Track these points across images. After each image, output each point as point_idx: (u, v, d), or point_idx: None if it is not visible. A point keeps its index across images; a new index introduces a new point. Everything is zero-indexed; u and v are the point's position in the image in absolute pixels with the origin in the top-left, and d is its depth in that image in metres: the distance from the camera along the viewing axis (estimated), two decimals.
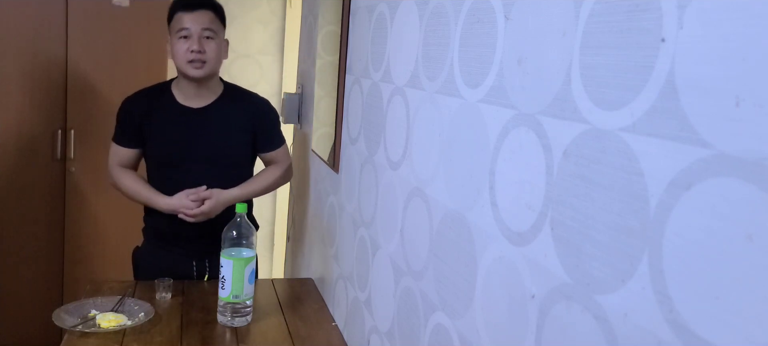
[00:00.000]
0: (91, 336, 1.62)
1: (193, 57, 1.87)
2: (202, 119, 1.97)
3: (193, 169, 1.97)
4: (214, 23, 1.92)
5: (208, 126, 1.97)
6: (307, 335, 1.77)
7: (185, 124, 1.96)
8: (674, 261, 0.62)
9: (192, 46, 1.87)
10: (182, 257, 2.05)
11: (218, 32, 1.93)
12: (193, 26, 1.88)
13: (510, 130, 0.93)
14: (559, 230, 0.81)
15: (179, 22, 1.89)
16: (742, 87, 0.55)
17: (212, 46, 1.91)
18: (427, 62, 1.25)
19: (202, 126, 1.96)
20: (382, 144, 1.51)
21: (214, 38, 1.91)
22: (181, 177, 1.96)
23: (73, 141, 2.94)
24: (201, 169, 1.97)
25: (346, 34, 1.86)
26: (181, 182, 1.96)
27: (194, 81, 1.93)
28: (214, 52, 1.91)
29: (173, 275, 1.95)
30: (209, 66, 1.91)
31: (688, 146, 0.61)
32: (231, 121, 1.99)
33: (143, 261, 2.09)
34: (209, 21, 1.90)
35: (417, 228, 1.27)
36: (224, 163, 2.01)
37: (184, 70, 1.91)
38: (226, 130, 1.99)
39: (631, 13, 0.69)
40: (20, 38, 2.82)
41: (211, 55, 1.90)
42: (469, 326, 1.04)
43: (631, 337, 0.68)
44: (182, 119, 1.96)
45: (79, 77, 2.91)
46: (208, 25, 1.89)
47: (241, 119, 2.01)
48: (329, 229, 2.01)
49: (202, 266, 2.06)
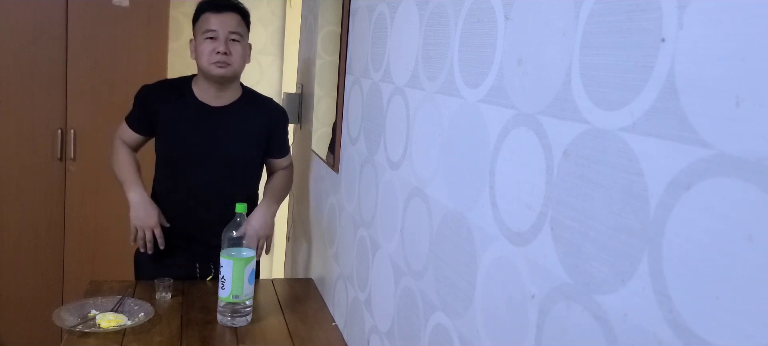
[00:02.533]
0: (91, 336, 1.62)
1: (218, 59, 1.87)
2: (219, 118, 1.96)
3: (204, 167, 1.97)
4: (240, 26, 1.92)
5: (225, 125, 1.96)
6: (307, 335, 1.77)
7: (202, 121, 1.96)
8: (674, 261, 0.62)
9: (218, 48, 1.87)
10: (185, 259, 2.04)
11: (244, 36, 1.94)
12: (220, 28, 1.88)
13: (510, 130, 0.93)
14: (559, 230, 0.81)
15: (206, 22, 1.89)
16: (742, 87, 0.55)
17: (238, 48, 1.91)
18: (427, 62, 1.25)
19: (219, 125, 1.96)
20: (382, 144, 1.50)
21: (239, 41, 1.91)
22: (191, 173, 1.97)
23: (73, 141, 2.94)
24: (212, 167, 1.97)
25: (346, 34, 1.86)
26: (191, 178, 1.97)
27: (216, 82, 1.93)
28: (239, 55, 1.92)
29: (176, 277, 1.95)
30: (233, 68, 1.91)
31: (688, 146, 0.61)
32: (248, 124, 2.00)
33: (145, 263, 2.06)
34: (236, 24, 1.91)
35: (417, 228, 1.27)
36: (236, 164, 2.01)
37: (207, 70, 1.90)
38: (243, 131, 1.99)
39: (631, 13, 0.69)
40: (20, 38, 2.82)
41: (236, 57, 1.91)
42: (469, 326, 1.04)
43: (631, 337, 0.68)
44: (200, 116, 1.96)
45: (79, 77, 2.91)
46: (234, 29, 1.90)
47: (259, 123, 2.02)
48: (329, 229, 2.01)
49: (206, 268, 2.05)
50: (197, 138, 1.95)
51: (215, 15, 1.88)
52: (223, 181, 1.97)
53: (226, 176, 1.98)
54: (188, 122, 1.95)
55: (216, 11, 1.89)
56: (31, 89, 2.87)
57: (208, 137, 1.95)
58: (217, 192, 1.98)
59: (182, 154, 1.97)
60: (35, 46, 2.85)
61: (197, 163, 1.96)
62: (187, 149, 1.96)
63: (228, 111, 1.97)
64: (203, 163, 1.96)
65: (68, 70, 2.90)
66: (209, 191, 1.98)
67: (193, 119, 1.95)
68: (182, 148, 1.96)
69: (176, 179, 1.99)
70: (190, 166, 1.97)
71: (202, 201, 1.99)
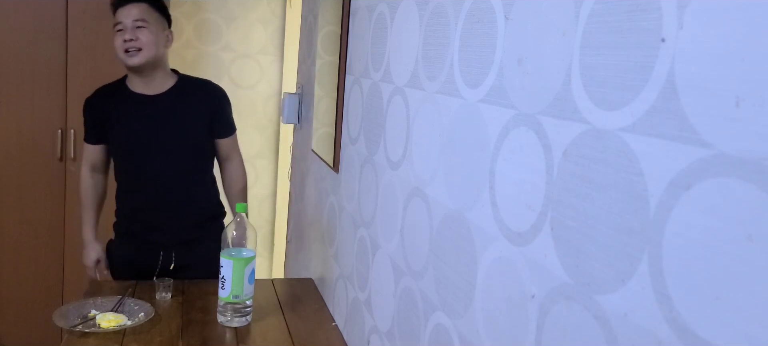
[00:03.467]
0: (91, 336, 1.62)
1: (126, 46, 1.97)
2: (158, 106, 2.05)
3: (154, 155, 2.05)
4: (146, 13, 1.99)
5: (165, 112, 2.05)
6: (307, 335, 1.77)
7: (142, 112, 2.04)
8: (674, 261, 0.62)
9: (124, 37, 1.96)
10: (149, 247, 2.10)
11: (151, 22, 2.00)
12: (124, 19, 1.97)
13: (510, 130, 0.93)
14: (559, 230, 0.81)
15: (116, 17, 2.00)
16: (742, 87, 0.55)
17: (145, 33, 1.97)
18: (427, 62, 1.25)
19: (159, 112, 2.04)
20: (382, 144, 1.51)
21: (146, 27, 1.98)
22: (144, 165, 2.05)
23: (73, 141, 2.94)
24: (162, 156, 2.05)
25: (346, 34, 1.86)
26: (144, 169, 2.05)
27: (135, 70, 2.02)
28: (148, 40, 1.98)
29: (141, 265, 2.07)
30: (145, 53, 1.97)
31: (688, 146, 0.61)
32: (188, 107, 2.07)
33: (115, 254, 2.18)
34: (139, 12, 1.98)
35: (417, 228, 1.27)
36: (185, 149, 2.08)
37: (122, 61, 2.00)
38: (184, 115, 2.06)
39: (631, 13, 0.69)
40: (20, 38, 2.82)
41: (145, 41, 1.97)
42: (469, 326, 1.04)
43: (631, 337, 0.68)
44: (139, 107, 2.05)
45: (79, 77, 2.91)
46: (139, 16, 1.97)
47: (198, 105, 2.09)
48: (329, 229, 2.01)
49: (168, 256, 2.10)
50: (142, 129, 2.04)
51: (121, 8, 1.99)
52: (173, 166, 2.06)
53: (176, 162, 2.06)
54: (131, 115, 2.05)
55: (121, 5, 1.99)
56: (31, 89, 2.87)
57: (151, 125, 2.04)
58: (168, 178, 2.06)
59: (131, 146, 2.06)
60: (35, 46, 2.85)
61: (147, 152, 2.05)
62: (135, 139, 2.04)
63: (165, 98, 2.06)
64: (152, 151, 2.04)
65: (68, 70, 2.90)
66: (160, 177, 2.06)
67: (134, 111, 2.05)
68: (130, 141, 2.05)
69: (131, 171, 2.09)
70: (141, 155, 2.05)
71: (157, 189, 2.07)
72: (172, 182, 2.07)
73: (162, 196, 2.08)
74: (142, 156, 2.05)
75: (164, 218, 2.09)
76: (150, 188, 2.08)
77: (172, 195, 2.07)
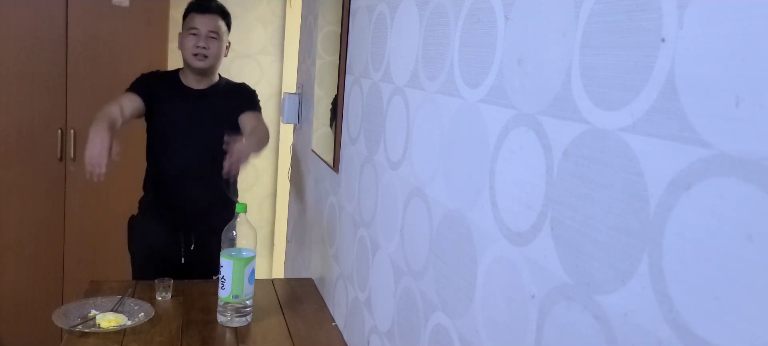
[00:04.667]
0: (91, 336, 1.62)
1: (197, 52, 2.22)
2: (200, 98, 2.30)
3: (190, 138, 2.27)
4: (220, 27, 2.26)
5: (205, 104, 2.30)
6: (307, 335, 1.77)
7: (186, 100, 2.29)
8: (674, 261, 0.62)
9: (198, 43, 2.22)
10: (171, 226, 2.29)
11: (222, 35, 2.28)
12: (201, 27, 2.22)
13: (510, 131, 0.93)
14: (559, 230, 0.81)
15: (191, 21, 2.25)
16: (742, 87, 0.55)
17: (215, 44, 2.25)
18: (427, 62, 1.25)
19: (200, 103, 2.30)
20: (382, 144, 1.51)
21: (217, 39, 2.25)
22: (178, 144, 2.27)
23: (73, 141, 2.94)
24: (194, 141, 2.26)
25: (346, 34, 1.86)
26: (178, 148, 2.26)
27: (196, 72, 2.28)
28: (216, 50, 2.26)
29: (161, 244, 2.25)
30: (210, 61, 2.25)
31: (688, 146, 0.61)
32: (225, 104, 2.31)
33: (137, 228, 2.36)
34: (216, 24, 2.25)
35: (417, 228, 1.27)
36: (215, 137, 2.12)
37: (189, 61, 2.26)
38: (220, 109, 2.30)
39: (631, 13, 0.69)
40: (20, 38, 2.82)
41: (213, 52, 2.25)
42: (469, 326, 1.04)
43: (631, 337, 0.68)
44: (184, 96, 2.30)
45: (79, 77, 2.91)
46: (214, 28, 2.24)
47: (232, 102, 2.31)
48: (329, 229, 2.01)
49: (189, 237, 2.29)
50: (183, 114, 2.28)
51: (199, 15, 2.24)
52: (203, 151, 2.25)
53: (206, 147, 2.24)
54: (175, 101, 2.29)
55: (200, 12, 2.25)
56: (31, 89, 2.87)
57: (193, 112, 2.28)
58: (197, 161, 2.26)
59: (171, 128, 2.28)
60: (35, 46, 2.85)
61: (185, 136, 2.27)
62: (174, 124, 2.28)
63: (207, 92, 2.32)
64: (189, 134, 2.27)
65: (68, 70, 2.90)
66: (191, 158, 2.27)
67: (178, 98, 2.29)
68: (170, 123, 2.28)
69: (165, 150, 2.29)
70: (178, 139, 2.27)
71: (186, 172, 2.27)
72: (200, 165, 2.25)
73: (186, 181, 2.27)
74: (179, 139, 2.27)
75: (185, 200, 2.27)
76: (180, 168, 2.27)
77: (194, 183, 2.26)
